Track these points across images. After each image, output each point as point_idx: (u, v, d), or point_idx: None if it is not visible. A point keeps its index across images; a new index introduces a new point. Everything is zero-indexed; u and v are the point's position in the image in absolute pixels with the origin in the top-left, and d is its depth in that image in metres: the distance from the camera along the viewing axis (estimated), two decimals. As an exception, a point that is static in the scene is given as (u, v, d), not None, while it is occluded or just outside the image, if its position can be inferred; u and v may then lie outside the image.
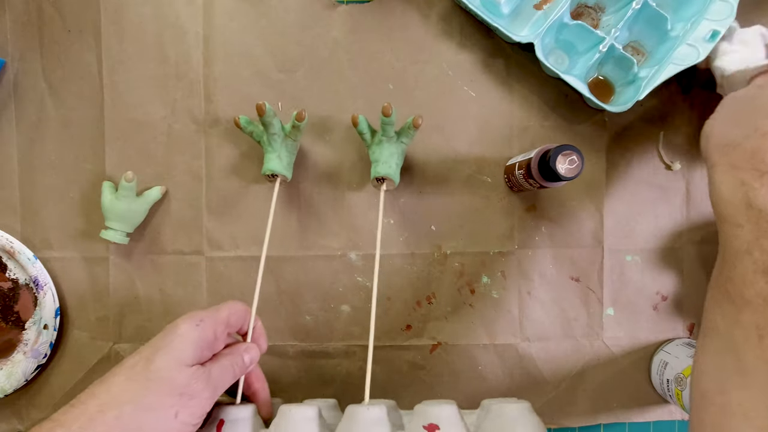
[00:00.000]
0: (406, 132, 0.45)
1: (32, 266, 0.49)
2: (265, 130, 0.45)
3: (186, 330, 0.34)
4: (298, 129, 0.45)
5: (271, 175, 0.47)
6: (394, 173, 0.45)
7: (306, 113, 0.44)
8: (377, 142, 0.45)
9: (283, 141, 0.46)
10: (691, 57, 0.45)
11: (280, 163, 0.46)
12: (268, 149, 0.46)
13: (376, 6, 0.50)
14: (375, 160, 0.45)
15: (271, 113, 0.43)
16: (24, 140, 0.50)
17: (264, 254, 0.43)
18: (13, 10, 0.50)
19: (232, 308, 0.38)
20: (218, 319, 0.36)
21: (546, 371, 0.51)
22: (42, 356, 0.49)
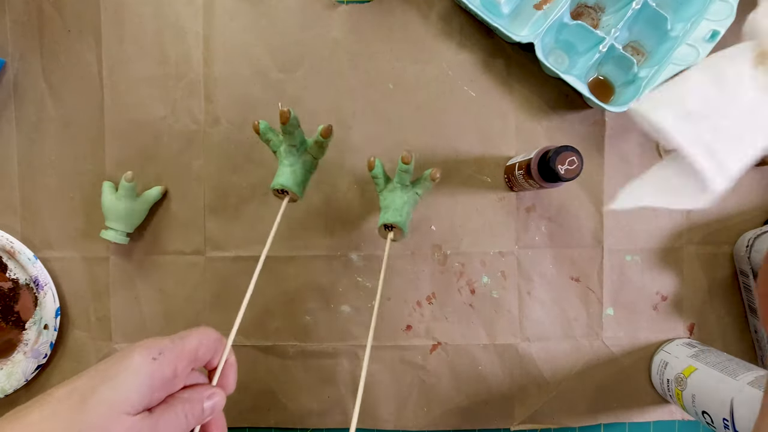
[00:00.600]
0: (423, 183, 0.42)
1: (32, 266, 0.49)
2: (284, 140, 0.41)
3: (139, 364, 0.27)
4: (322, 146, 0.41)
5: (281, 191, 0.42)
6: (404, 223, 0.41)
7: (332, 129, 0.40)
8: (391, 188, 0.43)
9: (301, 155, 0.42)
10: (691, 57, 0.45)
11: (293, 179, 0.41)
12: (283, 162, 0.42)
13: (376, 6, 0.50)
14: (386, 206, 0.42)
15: (295, 122, 0.39)
16: (24, 140, 0.50)
17: (258, 270, 0.39)
18: (13, 10, 0.50)
19: (203, 338, 0.31)
20: (183, 352, 0.29)
21: (546, 371, 0.51)
22: (42, 356, 0.49)
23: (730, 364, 0.43)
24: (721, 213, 0.50)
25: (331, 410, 0.51)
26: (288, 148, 0.41)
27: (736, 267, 0.50)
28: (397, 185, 0.42)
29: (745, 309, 0.50)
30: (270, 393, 0.51)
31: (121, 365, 0.27)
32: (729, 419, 0.39)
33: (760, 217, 0.50)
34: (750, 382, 0.40)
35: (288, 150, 0.41)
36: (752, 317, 0.49)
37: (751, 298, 0.48)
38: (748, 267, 0.47)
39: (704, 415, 0.42)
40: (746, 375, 0.41)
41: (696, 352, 0.46)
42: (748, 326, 0.50)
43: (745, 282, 0.48)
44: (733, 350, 0.50)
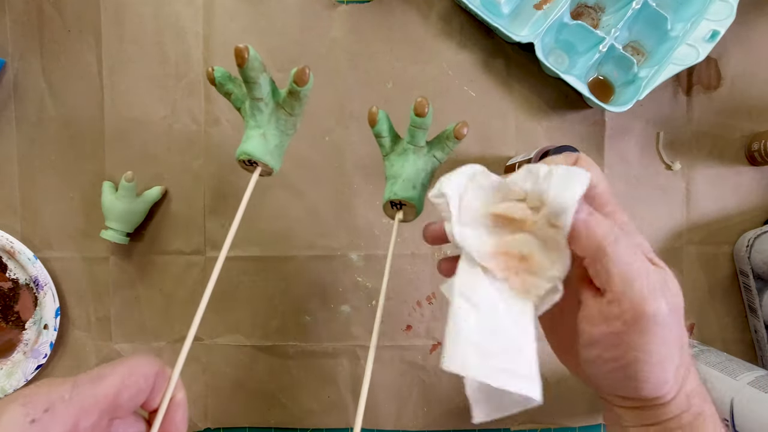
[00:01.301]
0: (443, 143, 0.32)
1: (32, 266, 0.49)
2: (247, 91, 0.31)
3: (7, 429, 0.20)
4: (297, 97, 0.31)
5: (249, 162, 0.32)
6: (418, 198, 0.32)
7: (310, 72, 0.30)
8: (400, 151, 0.32)
9: (273, 113, 0.32)
10: (690, 57, 0.45)
11: (264, 146, 0.31)
12: (249, 123, 0.32)
13: (376, 6, 0.50)
14: (393, 176, 0.32)
15: (257, 65, 0.29)
16: (24, 140, 0.50)
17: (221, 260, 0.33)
18: (13, 10, 0.50)
19: (129, 377, 0.23)
20: (89, 402, 0.22)
21: (546, 371, 0.50)
22: (42, 356, 0.49)
23: (730, 364, 0.43)
24: (721, 213, 0.50)
25: (331, 410, 0.51)
26: (253, 103, 0.31)
27: (736, 267, 0.50)
28: (409, 147, 0.32)
29: (745, 309, 0.50)
30: (270, 393, 0.51)
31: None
32: (729, 419, 0.39)
33: (760, 217, 0.50)
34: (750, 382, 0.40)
35: (254, 106, 0.31)
36: (752, 317, 0.49)
37: (751, 298, 0.48)
38: (748, 267, 0.47)
39: (704, 415, 0.42)
40: (746, 375, 0.41)
41: (696, 352, 0.46)
42: (748, 326, 0.50)
43: (745, 282, 0.48)
44: (733, 350, 0.50)
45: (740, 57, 0.49)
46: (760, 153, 0.47)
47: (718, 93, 0.50)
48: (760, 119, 0.49)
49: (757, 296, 0.47)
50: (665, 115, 0.50)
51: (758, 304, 0.47)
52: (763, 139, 0.47)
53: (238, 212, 0.32)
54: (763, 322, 0.47)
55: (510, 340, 0.24)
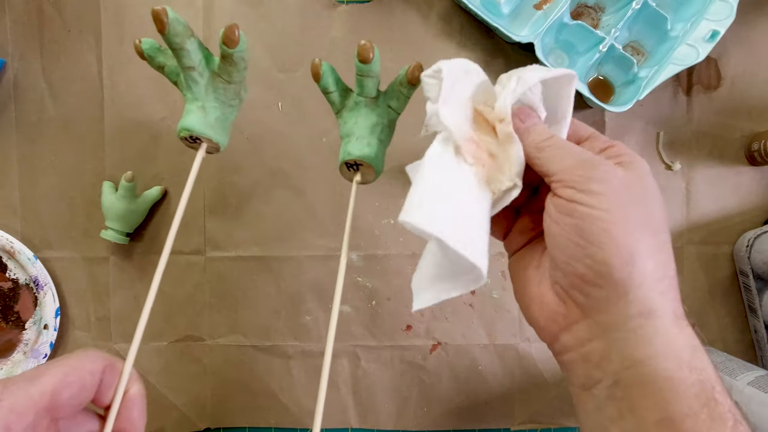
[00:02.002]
0: (397, 91, 0.29)
1: (32, 266, 0.49)
2: (177, 61, 0.28)
3: None
4: (231, 61, 0.28)
5: (191, 138, 0.30)
6: (375, 156, 0.29)
7: (240, 31, 0.27)
8: (351, 106, 0.30)
9: (209, 82, 0.29)
10: (690, 57, 0.45)
11: (203, 119, 0.29)
12: (187, 96, 0.30)
13: (376, 6, 0.50)
14: (347, 134, 0.30)
15: (181, 29, 0.26)
16: (24, 140, 0.50)
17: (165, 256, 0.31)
18: (13, 10, 0.50)
19: (69, 374, 0.22)
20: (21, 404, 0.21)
21: (546, 371, 0.50)
22: (42, 356, 0.49)
23: (730, 364, 0.43)
24: (721, 213, 0.50)
25: (331, 410, 0.51)
26: (186, 74, 0.28)
27: (736, 267, 0.50)
28: (360, 99, 0.29)
29: (745, 309, 0.50)
30: (270, 393, 0.51)
31: None
32: (729, 419, 0.39)
33: (760, 217, 0.50)
34: (750, 382, 0.40)
35: (187, 77, 0.28)
36: (752, 317, 0.49)
37: (751, 298, 0.48)
38: (748, 267, 0.47)
39: (704, 415, 0.42)
40: (746, 375, 0.41)
41: (696, 352, 0.46)
42: (748, 326, 0.50)
43: (745, 282, 0.48)
44: (733, 350, 0.50)
45: (740, 57, 0.49)
46: (760, 153, 0.47)
47: (718, 93, 0.50)
48: (760, 119, 0.49)
49: (757, 296, 0.47)
50: (665, 115, 0.50)
51: (758, 304, 0.47)
52: (763, 139, 0.47)
53: (184, 194, 0.29)
54: (763, 322, 0.47)
55: (470, 214, 0.24)
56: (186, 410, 0.51)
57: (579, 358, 0.24)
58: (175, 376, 0.51)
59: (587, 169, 0.23)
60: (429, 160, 0.24)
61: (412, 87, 0.29)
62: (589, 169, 0.23)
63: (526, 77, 0.25)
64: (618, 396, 0.22)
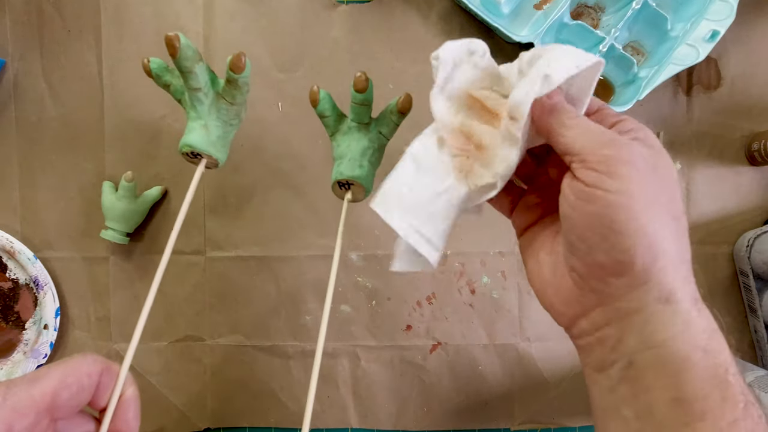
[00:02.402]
0: (387, 119, 0.32)
1: (32, 266, 0.49)
2: (184, 82, 0.30)
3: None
4: (235, 85, 0.31)
5: (192, 154, 0.32)
6: (366, 176, 0.31)
7: (246, 59, 0.30)
8: (345, 130, 0.32)
9: (213, 103, 0.31)
10: (690, 57, 0.45)
11: (206, 137, 0.31)
12: (190, 114, 0.31)
13: (376, 6, 0.50)
14: (339, 155, 0.32)
15: (191, 54, 0.29)
16: (24, 140, 0.50)
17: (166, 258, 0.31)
18: (13, 10, 0.50)
19: (68, 376, 0.23)
20: (22, 404, 0.21)
21: (546, 371, 0.50)
22: (42, 356, 0.49)
23: (730, 364, 0.43)
24: (721, 213, 0.50)
25: (331, 410, 0.51)
26: (192, 94, 0.30)
27: (736, 267, 0.50)
28: (353, 125, 0.32)
29: (745, 309, 0.50)
30: (270, 393, 0.51)
31: None
32: (729, 419, 0.39)
33: (760, 217, 0.50)
34: (750, 382, 0.40)
35: (193, 98, 0.30)
36: (752, 317, 0.49)
37: (751, 298, 0.48)
38: (748, 267, 0.47)
39: (704, 415, 0.42)
40: (746, 375, 0.41)
41: (696, 352, 0.46)
42: (748, 326, 0.50)
43: (745, 282, 0.48)
44: (733, 350, 0.50)
45: (740, 57, 0.49)
46: (760, 153, 0.47)
47: (718, 93, 0.50)
48: (760, 119, 0.49)
49: (757, 296, 0.47)
50: (665, 115, 0.50)
51: (758, 304, 0.47)
52: (763, 139, 0.47)
53: (184, 204, 0.31)
54: (763, 322, 0.47)
55: (434, 209, 0.25)
56: (186, 410, 0.51)
57: (595, 341, 0.23)
58: (175, 376, 0.51)
59: (613, 148, 0.21)
60: (411, 149, 0.25)
61: (401, 116, 0.31)
62: (615, 148, 0.21)
63: (555, 76, 0.24)
64: (632, 377, 0.22)
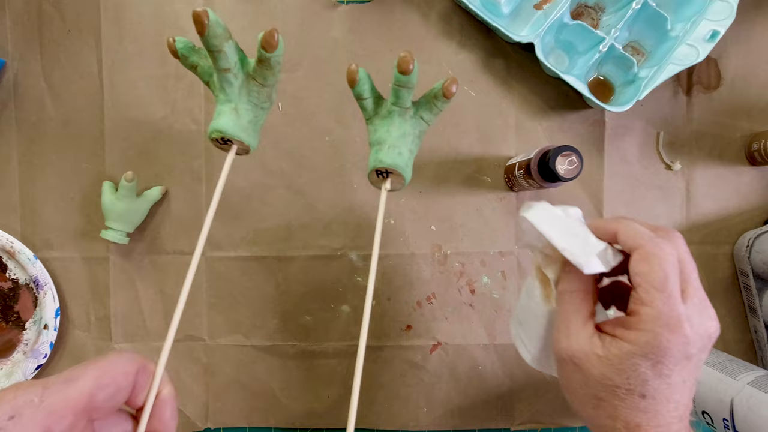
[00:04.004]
0: (431, 103, 0.30)
1: (32, 266, 0.49)
2: (213, 62, 0.28)
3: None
4: (268, 65, 0.28)
5: (222, 140, 0.30)
6: (405, 165, 0.30)
7: (279, 36, 0.27)
8: (384, 114, 0.30)
9: (243, 84, 0.29)
10: (691, 57, 0.45)
11: (236, 121, 0.29)
12: (219, 97, 0.29)
13: (376, 6, 0.50)
14: (378, 141, 0.30)
15: (221, 32, 0.26)
16: (24, 140, 0.50)
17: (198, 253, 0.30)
18: (13, 10, 0.50)
19: (104, 376, 0.22)
20: (60, 406, 0.21)
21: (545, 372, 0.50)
22: (42, 356, 0.49)
23: (730, 364, 0.43)
24: (721, 213, 0.50)
25: (331, 410, 0.51)
26: (221, 75, 0.28)
27: (736, 267, 0.50)
28: (394, 108, 0.29)
29: (745, 309, 0.50)
30: (270, 393, 0.51)
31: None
32: (729, 419, 0.39)
33: (760, 217, 0.50)
34: (750, 382, 0.40)
35: (222, 78, 0.28)
36: (752, 317, 0.49)
37: (751, 298, 0.48)
38: (748, 267, 0.47)
39: (704, 415, 0.42)
40: (746, 375, 0.41)
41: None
42: (748, 326, 0.50)
43: (745, 282, 0.48)
44: (733, 350, 0.50)
45: (740, 57, 0.49)
46: (760, 153, 0.47)
47: (718, 93, 0.50)
48: (760, 119, 0.49)
49: (757, 296, 0.47)
50: (665, 115, 0.50)
51: (758, 304, 0.47)
52: (763, 139, 0.47)
53: (216, 191, 0.30)
54: (763, 322, 0.47)
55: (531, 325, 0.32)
56: (186, 410, 0.51)
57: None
58: (175, 376, 0.51)
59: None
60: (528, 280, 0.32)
61: (446, 101, 0.29)
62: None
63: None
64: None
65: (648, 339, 0.24)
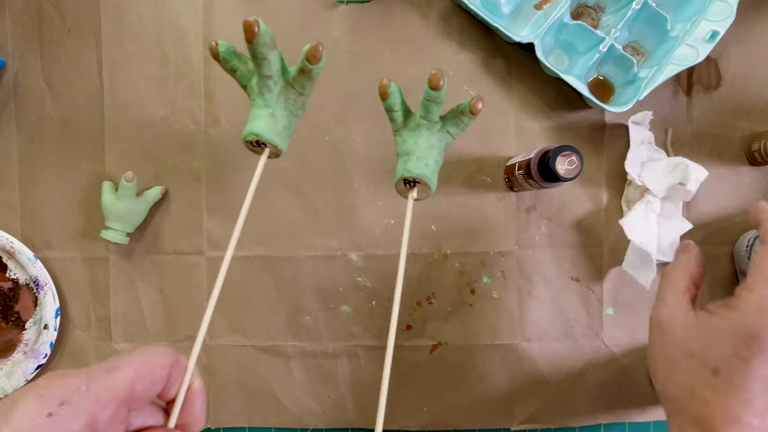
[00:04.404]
0: (457, 119, 0.31)
1: (32, 266, 0.49)
2: (256, 69, 0.30)
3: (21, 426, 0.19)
4: (309, 76, 0.30)
5: (256, 143, 0.31)
6: (431, 175, 0.31)
7: (323, 50, 0.29)
8: (413, 126, 0.32)
9: (282, 91, 0.31)
10: (690, 57, 0.45)
11: (273, 126, 0.30)
12: (257, 102, 0.31)
13: (376, 6, 0.50)
14: (406, 152, 0.31)
15: (268, 41, 0.28)
16: (24, 140, 0.50)
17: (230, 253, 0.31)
18: (13, 10, 0.50)
19: (144, 367, 0.23)
20: (105, 394, 0.21)
21: (546, 371, 0.51)
22: (42, 356, 0.49)
23: (730, 364, 0.43)
24: (721, 213, 0.50)
25: (331, 410, 0.51)
26: (262, 81, 0.30)
27: (736, 267, 0.50)
28: (422, 122, 0.31)
29: (745, 309, 0.50)
30: (270, 393, 0.51)
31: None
32: (729, 419, 0.39)
33: (760, 217, 0.50)
34: (750, 382, 0.39)
35: (262, 85, 0.30)
36: (752, 317, 0.49)
37: (751, 298, 0.48)
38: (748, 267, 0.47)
39: (704, 415, 0.42)
40: (746, 375, 0.41)
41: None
42: (748, 326, 0.50)
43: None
44: (733, 350, 0.50)
45: (740, 57, 0.49)
46: (760, 153, 0.47)
47: (718, 93, 0.50)
48: (760, 119, 0.49)
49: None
50: (665, 115, 0.50)
51: (758, 304, 0.47)
52: (763, 139, 0.47)
53: (247, 197, 0.31)
54: (763, 322, 0.47)
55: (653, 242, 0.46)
56: (186, 410, 0.51)
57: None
58: (175, 376, 0.51)
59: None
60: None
61: (472, 117, 0.31)
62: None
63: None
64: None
65: (739, 317, 0.25)
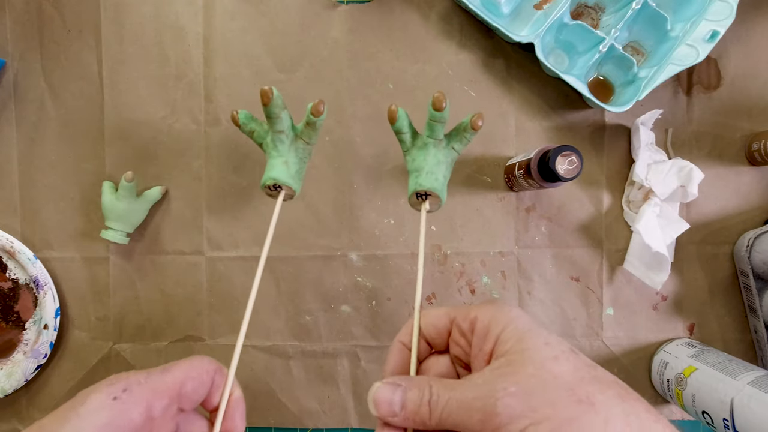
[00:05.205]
0: (461, 135, 0.35)
1: (32, 266, 0.49)
2: (270, 127, 0.36)
3: (96, 406, 0.23)
4: (314, 127, 0.35)
5: (273, 187, 0.36)
6: (441, 188, 0.34)
7: (324, 106, 0.34)
8: (420, 145, 0.35)
9: (292, 143, 0.36)
10: (690, 57, 0.45)
11: (287, 171, 0.36)
12: (271, 154, 0.36)
13: (376, 6, 0.50)
14: (416, 169, 0.35)
15: (280, 103, 0.34)
16: (24, 140, 0.50)
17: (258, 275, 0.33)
18: (13, 10, 0.50)
19: (192, 371, 0.26)
20: (160, 387, 0.25)
21: (546, 371, 0.50)
22: (42, 356, 0.49)
23: (730, 364, 0.43)
24: (721, 213, 0.50)
25: (331, 410, 0.51)
26: (275, 136, 0.36)
27: (736, 267, 0.50)
28: (429, 140, 0.34)
29: (745, 309, 0.50)
30: (270, 393, 0.51)
31: (73, 412, 0.23)
32: (729, 419, 0.39)
33: (760, 217, 0.50)
34: (750, 382, 0.40)
35: (276, 139, 0.36)
36: (752, 317, 0.49)
37: (751, 298, 0.48)
38: (748, 267, 0.47)
39: (704, 415, 0.42)
40: (746, 375, 0.41)
41: (696, 352, 0.46)
42: (748, 326, 0.50)
43: (745, 282, 0.48)
44: (733, 350, 0.50)
45: (740, 57, 0.49)
46: (760, 153, 0.47)
47: (718, 93, 0.50)
48: (760, 119, 0.49)
49: (757, 296, 0.47)
50: (665, 115, 0.50)
51: (758, 304, 0.47)
52: (763, 139, 0.47)
53: (269, 234, 0.35)
54: (763, 322, 0.47)
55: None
56: (186, 410, 0.51)
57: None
58: (175, 376, 0.51)
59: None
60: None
61: (474, 132, 0.34)
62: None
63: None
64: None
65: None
